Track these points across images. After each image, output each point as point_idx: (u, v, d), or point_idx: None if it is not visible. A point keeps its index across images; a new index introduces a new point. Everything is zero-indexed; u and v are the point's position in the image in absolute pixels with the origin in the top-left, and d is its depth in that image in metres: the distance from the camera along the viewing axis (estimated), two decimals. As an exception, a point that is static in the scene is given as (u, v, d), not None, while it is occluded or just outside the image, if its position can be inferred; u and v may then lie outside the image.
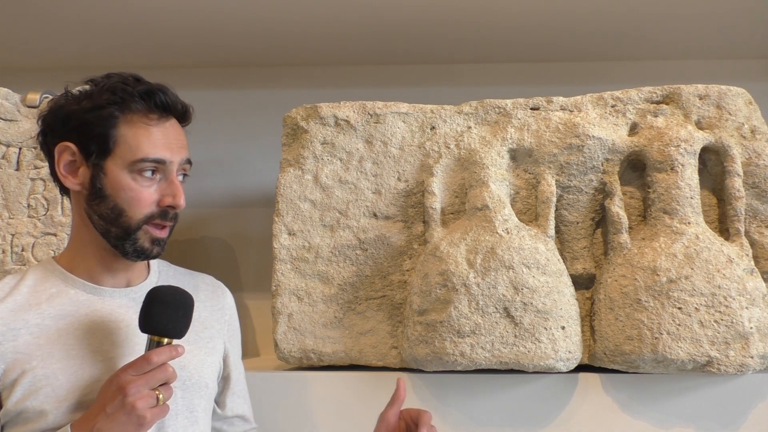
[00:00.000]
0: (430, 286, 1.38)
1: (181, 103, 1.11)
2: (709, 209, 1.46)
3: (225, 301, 1.27)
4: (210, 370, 1.17)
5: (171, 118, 1.11)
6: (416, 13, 1.78)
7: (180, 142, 1.10)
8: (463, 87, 2.07)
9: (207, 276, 1.29)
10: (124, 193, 1.04)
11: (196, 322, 1.16)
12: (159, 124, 1.07)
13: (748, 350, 1.30)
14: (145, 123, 1.06)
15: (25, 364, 1.00)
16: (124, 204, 1.05)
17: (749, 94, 1.48)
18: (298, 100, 1.63)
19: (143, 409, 0.92)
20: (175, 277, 1.21)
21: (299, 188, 1.52)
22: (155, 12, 1.77)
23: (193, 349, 1.14)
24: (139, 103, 1.06)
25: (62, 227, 1.60)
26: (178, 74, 2.09)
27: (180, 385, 1.08)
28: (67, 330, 1.04)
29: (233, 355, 1.25)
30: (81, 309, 1.07)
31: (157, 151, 1.05)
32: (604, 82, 1.90)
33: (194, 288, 1.21)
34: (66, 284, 1.09)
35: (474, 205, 1.42)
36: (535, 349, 1.33)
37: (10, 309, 1.04)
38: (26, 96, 1.69)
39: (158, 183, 1.07)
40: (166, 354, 0.96)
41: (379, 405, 1.15)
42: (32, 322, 1.03)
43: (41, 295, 1.07)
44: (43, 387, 0.99)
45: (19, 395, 0.99)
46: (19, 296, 1.06)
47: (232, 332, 1.27)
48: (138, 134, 1.05)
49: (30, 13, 1.78)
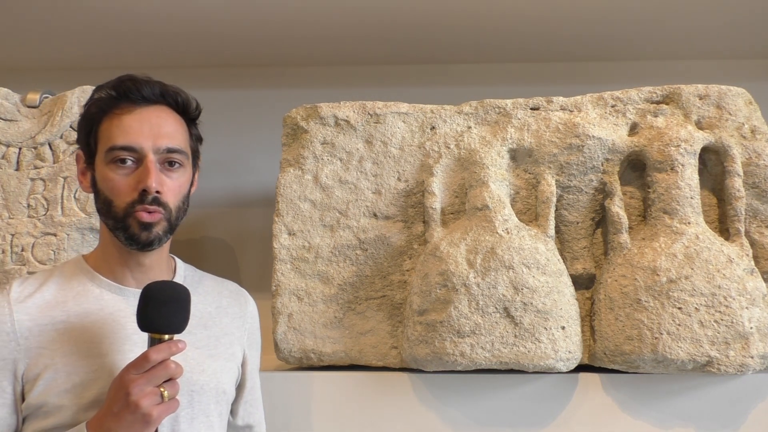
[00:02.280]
0: (430, 286, 1.38)
1: (161, 90, 1.10)
2: (709, 209, 1.46)
3: (247, 309, 1.27)
4: (228, 376, 1.17)
5: (153, 106, 1.10)
6: (416, 13, 1.78)
7: (158, 130, 1.08)
8: (463, 87, 2.07)
9: (232, 283, 1.30)
10: (106, 184, 1.07)
11: (217, 328, 1.18)
12: (132, 113, 1.07)
13: (748, 350, 1.30)
14: (117, 114, 1.07)
15: (48, 359, 1.02)
16: (109, 194, 1.07)
17: (749, 94, 1.48)
18: (298, 100, 1.63)
19: (148, 407, 0.93)
20: (201, 281, 1.22)
21: (299, 188, 1.52)
22: (155, 12, 1.77)
23: (213, 355, 1.15)
24: (114, 98, 1.08)
25: (62, 227, 1.60)
26: (178, 74, 2.08)
27: (197, 390, 1.09)
28: (90, 328, 1.06)
29: (250, 364, 1.25)
30: (105, 308, 1.09)
31: (127, 138, 1.06)
32: (604, 82, 1.90)
33: (217, 294, 1.23)
34: (92, 283, 1.11)
35: (474, 205, 1.42)
36: (535, 349, 1.33)
37: (38, 305, 1.07)
38: (26, 96, 1.69)
39: (136, 170, 1.07)
40: (165, 351, 0.96)
41: (379, 405, 1.15)
42: (58, 319, 1.06)
43: (68, 293, 1.09)
44: (63, 383, 1.02)
45: (40, 389, 1.01)
46: (47, 293, 1.08)
47: (252, 341, 1.27)
48: (111, 125, 1.07)
49: (30, 13, 1.78)
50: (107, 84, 1.10)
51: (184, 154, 1.11)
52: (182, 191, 1.12)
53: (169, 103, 1.12)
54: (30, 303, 1.07)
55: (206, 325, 1.16)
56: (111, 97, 1.08)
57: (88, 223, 1.60)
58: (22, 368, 1.03)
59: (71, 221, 1.60)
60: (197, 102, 1.16)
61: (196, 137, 1.17)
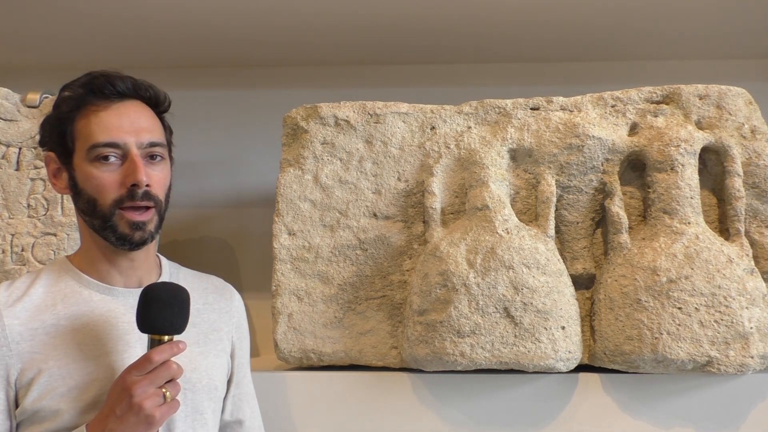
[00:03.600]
0: (430, 286, 1.38)
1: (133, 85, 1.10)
2: (709, 209, 1.46)
3: (233, 304, 1.27)
4: (219, 372, 1.17)
5: (127, 101, 1.09)
6: (416, 13, 1.78)
7: (138, 124, 1.08)
8: (463, 87, 2.07)
9: (216, 278, 1.30)
10: (90, 182, 1.06)
11: (205, 324, 1.18)
12: (109, 109, 1.07)
13: (748, 350, 1.30)
14: (93, 111, 1.07)
15: (42, 363, 1.02)
16: (94, 193, 1.06)
17: (749, 94, 1.48)
18: (298, 100, 1.63)
19: (151, 408, 0.93)
20: (185, 278, 1.21)
21: (299, 188, 1.52)
22: (155, 12, 1.77)
23: (203, 351, 1.14)
24: (87, 95, 1.07)
25: (62, 227, 1.60)
26: (178, 74, 2.09)
27: (190, 387, 1.09)
28: (82, 330, 1.05)
29: (238, 358, 1.25)
30: (95, 309, 1.08)
31: (108, 135, 1.05)
32: (604, 82, 1.90)
33: (203, 290, 1.22)
34: (80, 285, 1.10)
35: (474, 205, 1.42)
36: (535, 349, 1.33)
37: (27, 309, 1.06)
38: (26, 96, 1.69)
39: (121, 167, 1.06)
40: (167, 351, 0.96)
41: (379, 405, 1.15)
42: (48, 323, 1.05)
43: (56, 296, 1.08)
44: (59, 387, 1.01)
45: (35, 395, 1.01)
46: (35, 297, 1.07)
47: (240, 334, 1.27)
48: (89, 123, 1.06)
49: (30, 12, 1.78)
50: (76, 81, 1.09)
51: (165, 147, 1.12)
52: (166, 183, 1.12)
53: (142, 97, 1.12)
54: (19, 307, 1.05)
55: (194, 321, 1.14)
56: (83, 93, 1.07)
57: (88, 223, 1.60)
58: (15, 374, 1.02)
59: (71, 221, 1.60)
60: (166, 94, 1.16)
61: (168, 129, 1.18)
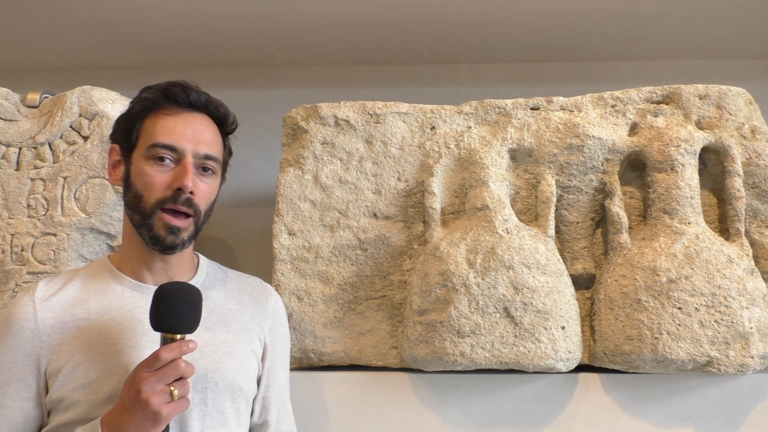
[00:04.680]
0: (430, 286, 1.38)
1: (206, 100, 1.16)
2: (709, 209, 1.46)
3: (268, 306, 1.26)
4: (245, 373, 1.17)
5: (196, 113, 1.15)
6: (416, 13, 1.78)
7: (199, 136, 1.13)
8: (463, 87, 2.07)
9: (256, 279, 1.31)
10: (141, 179, 1.11)
11: (237, 324, 1.19)
12: (177, 116, 1.13)
13: (748, 350, 1.30)
14: (163, 114, 1.13)
15: (68, 355, 1.06)
16: (141, 189, 1.11)
17: (749, 94, 1.48)
18: (298, 100, 1.63)
19: (157, 404, 0.95)
20: (224, 278, 1.25)
21: (299, 188, 1.52)
22: (156, 12, 1.77)
23: (230, 351, 1.15)
24: (161, 100, 1.14)
25: (62, 227, 1.60)
26: (178, 74, 2.07)
27: (211, 387, 1.11)
28: (109, 325, 1.09)
29: (269, 360, 1.23)
30: (124, 305, 1.12)
31: (170, 138, 1.11)
32: (604, 82, 1.90)
33: (239, 291, 1.24)
34: (114, 281, 1.15)
35: (474, 205, 1.42)
36: (535, 349, 1.33)
37: (61, 303, 1.11)
38: (26, 96, 1.69)
39: (173, 170, 1.11)
40: (176, 350, 0.98)
41: (379, 405, 1.15)
42: (79, 317, 1.10)
43: (90, 291, 1.13)
44: (80, 378, 1.05)
45: (60, 384, 1.05)
46: (70, 292, 1.13)
47: (275, 337, 1.25)
48: (156, 124, 1.12)
49: (30, 12, 1.78)
50: (156, 86, 1.15)
51: (218, 163, 1.17)
52: (211, 197, 1.17)
53: (211, 113, 1.18)
54: (53, 301, 1.11)
55: (226, 321, 1.17)
56: (159, 97, 1.13)
57: (88, 223, 1.60)
58: (44, 364, 1.07)
59: (71, 221, 1.60)
60: (235, 117, 1.22)
61: (228, 150, 1.23)
